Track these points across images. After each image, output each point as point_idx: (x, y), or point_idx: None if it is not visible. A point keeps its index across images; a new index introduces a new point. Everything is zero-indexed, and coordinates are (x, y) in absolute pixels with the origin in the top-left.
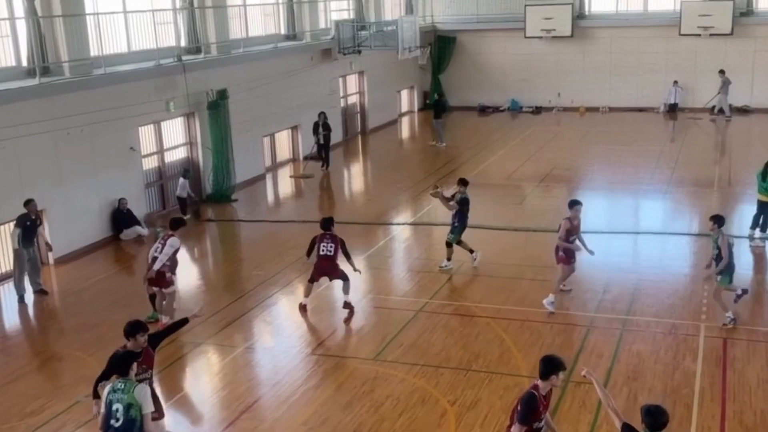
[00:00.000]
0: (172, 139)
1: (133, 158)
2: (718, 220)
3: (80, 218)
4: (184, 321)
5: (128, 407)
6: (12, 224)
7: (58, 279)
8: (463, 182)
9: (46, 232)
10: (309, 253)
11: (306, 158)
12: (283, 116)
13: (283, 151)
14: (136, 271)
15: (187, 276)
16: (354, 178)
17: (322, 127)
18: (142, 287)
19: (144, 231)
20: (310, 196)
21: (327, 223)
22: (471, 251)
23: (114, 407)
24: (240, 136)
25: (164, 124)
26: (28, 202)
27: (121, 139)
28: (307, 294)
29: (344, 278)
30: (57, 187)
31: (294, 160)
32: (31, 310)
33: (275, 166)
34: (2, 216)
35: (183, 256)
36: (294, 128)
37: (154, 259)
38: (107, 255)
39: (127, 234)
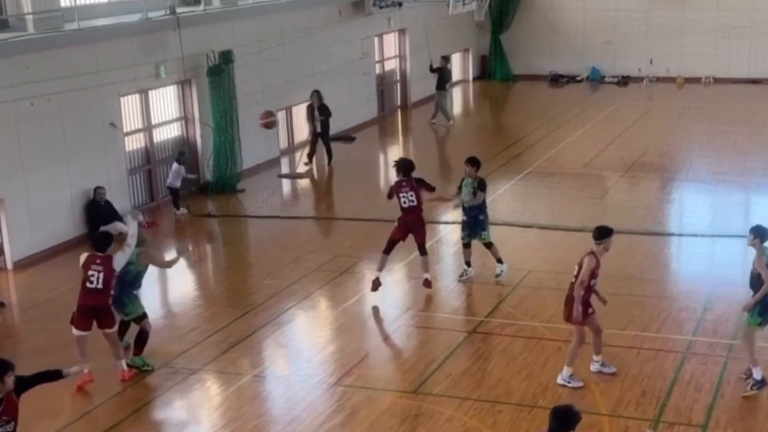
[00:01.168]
0: (162, 113)
1: (113, 137)
2: (761, 233)
3: (46, 212)
4: (57, 374)
5: None
6: None
7: (17, 287)
8: (474, 162)
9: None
10: (390, 196)
11: (309, 154)
12: (302, 86)
13: (302, 129)
14: None
15: (182, 285)
16: (390, 163)
17: (318, 110)
18: None
19: (126, 228)
20: (334, 186)
21: (405, 168)
22: (499, 260)
23: None
24: (248, 110)
25: (153, 94)
26: None
27: (99, 112)
28: (381, 267)
29: (423, 249)
30: (17, 172)
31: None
32: None
33: (292, 149)
34: None
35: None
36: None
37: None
38: (78, 258)
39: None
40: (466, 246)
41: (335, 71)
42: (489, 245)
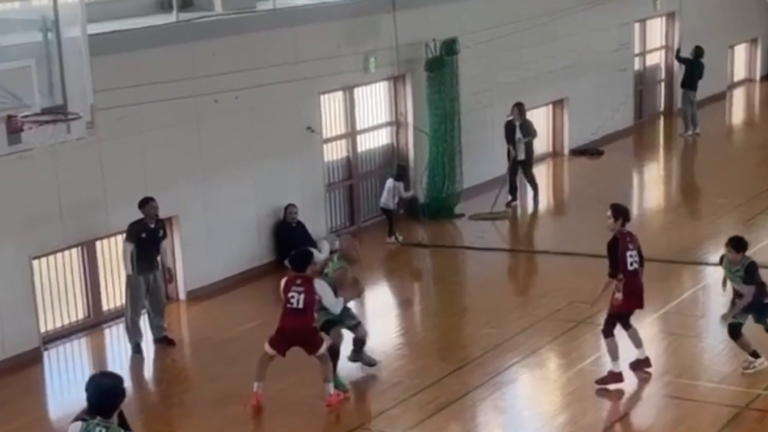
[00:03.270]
0: (369, 115)
1: (310, 144)
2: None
3: (228, 233)
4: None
5: None
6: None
7: (190, 323)
8: (738, 246)
9: (172, 252)
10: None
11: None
12: (541, 84)
13: (540, 138)
14: None
15: (384, 330)
16: (648, 185)
17: (520, 129)
18: None
19: (321, 256)
20: (572, 212)
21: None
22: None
23: None
24: (472, 114)
25: (359, 92)
26: (145, 203)
27: (294, 113)
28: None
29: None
30: (195, 184)
31: (555, 154)
32: (148, 367)
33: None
34: (115, 224)
35: (379, 301)
36: (557, 104)
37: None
38: (265, 290)
39: None
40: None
41: (583, 67)
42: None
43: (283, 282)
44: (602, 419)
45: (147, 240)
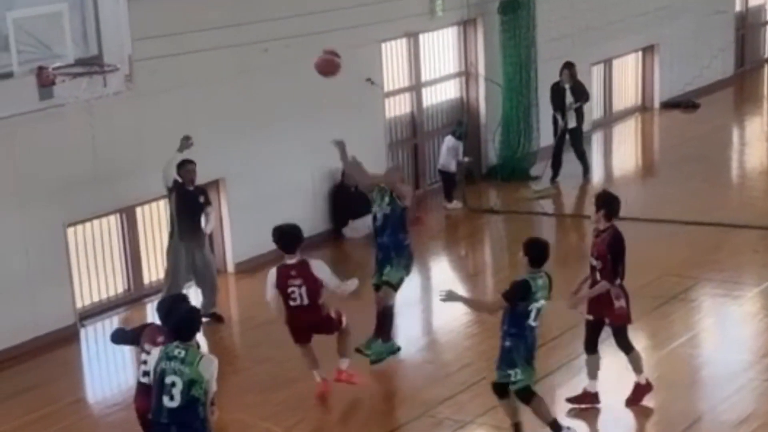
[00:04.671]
0: (436, 66)
1: (370, 98)
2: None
3: (279, 198)
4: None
5: (190, 384)
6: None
7: (239, 298)
8: None
9: (219, 221)
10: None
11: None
12: (629, 29)
13: (627, 90)
14: (368, 292)
15: (450, 307)
16: (750, 142)
17: (570, 91)
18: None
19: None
20: (662, 173)
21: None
22: None
23: (168, 380)
24: (550, 63)
25: (424, 40)
26: (183, 165)
27: (353, 63)
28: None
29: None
30: (242, 144)
31: (643, 108)
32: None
33: (610, 119)
34: (155, 189)
35: (445, 273)
36: (647, 51)
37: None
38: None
39: (355, 228)
40: None
41: (676, 9)
42: None
43: (272, 275)
44: (695, 408)
45: (186, 204)
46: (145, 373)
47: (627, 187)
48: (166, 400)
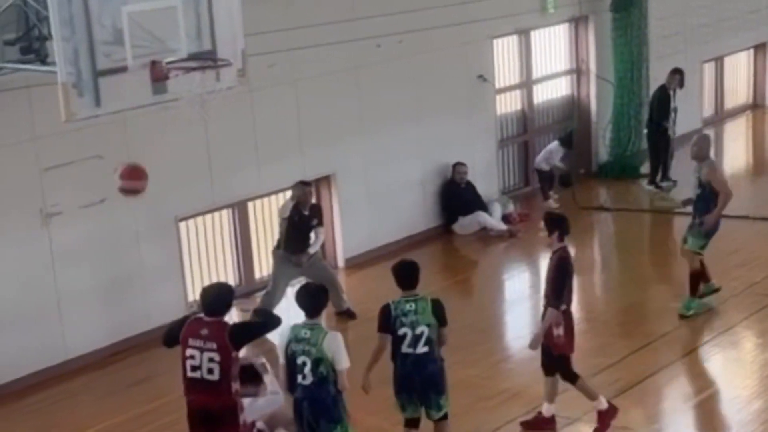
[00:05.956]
0: (547, 62)
1: (481, 95)
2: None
3: (390, 194)
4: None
5: (317, 363)
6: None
7: (349, 294)
8: None
9: (329, 217)
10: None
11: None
12: (741, 26)
13: (739, 89)
14: (478, 289)
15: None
16: None
17: (658, 101)
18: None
19: (495, 222)
20: None
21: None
22: None
23: (299, 360)
24: (662, 60)
25: (536, 36)
26: (298, 188)
27: (464, 59)
28: None
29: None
30: (354, 139)
31: (755, 106)
32: None
33: (721, 117)
34: (267, 184)
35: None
36: (759, 48)
37: None
38: (431, 258)
39: (465, 225)
40: None
41: None
42: None
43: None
44: None
45: (300, 228)
46: (194, 368)
47: (738, 185)
48: (299, 378)
